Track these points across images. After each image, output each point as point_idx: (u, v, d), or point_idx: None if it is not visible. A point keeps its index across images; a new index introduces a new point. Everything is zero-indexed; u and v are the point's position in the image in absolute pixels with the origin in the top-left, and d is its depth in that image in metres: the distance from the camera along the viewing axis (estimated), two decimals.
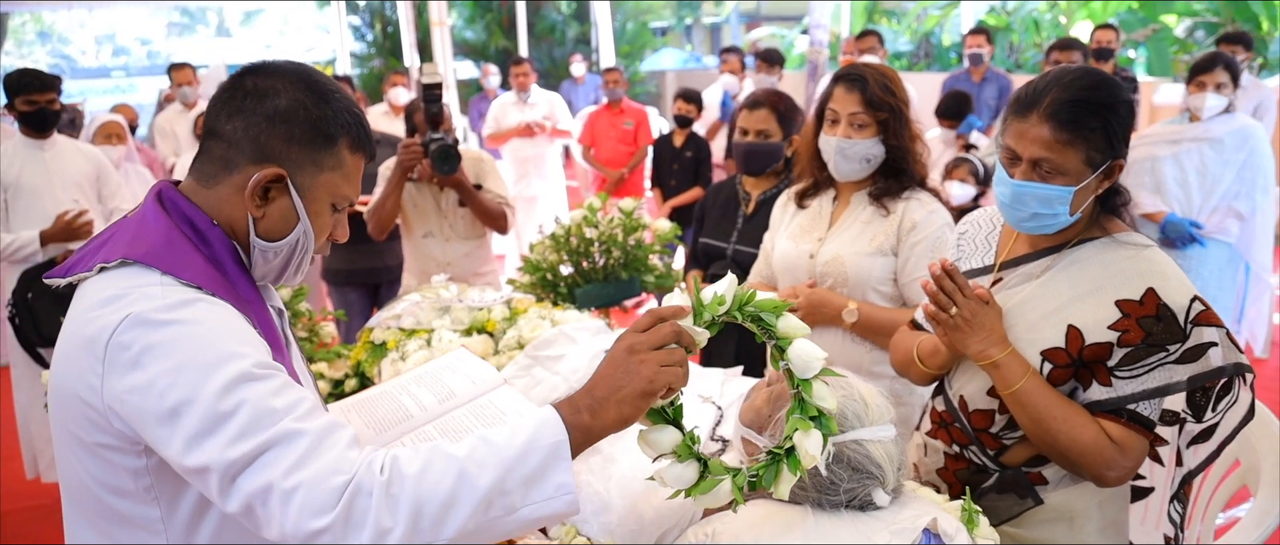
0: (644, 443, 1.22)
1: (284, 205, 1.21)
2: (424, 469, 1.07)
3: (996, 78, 6.26)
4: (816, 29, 8.67)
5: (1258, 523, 1.95)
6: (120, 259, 1.13)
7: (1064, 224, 1.56)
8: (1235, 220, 4.08)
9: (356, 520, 1.02)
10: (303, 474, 1.02)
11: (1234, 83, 3.96)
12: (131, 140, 4.94)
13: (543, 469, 1.10)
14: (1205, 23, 11.14)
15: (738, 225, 2.85)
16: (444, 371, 1.98)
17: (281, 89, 1.19)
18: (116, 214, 3.97)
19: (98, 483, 1.14)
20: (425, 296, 2.67)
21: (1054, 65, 4.81)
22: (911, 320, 1.91)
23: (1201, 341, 1.49)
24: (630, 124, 6.48)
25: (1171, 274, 1.54)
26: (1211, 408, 1.54)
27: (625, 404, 1.14)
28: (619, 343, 1.18)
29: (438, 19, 10.26)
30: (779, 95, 2.78)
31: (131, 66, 17.98)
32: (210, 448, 1.03)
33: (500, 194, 3.45)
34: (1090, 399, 1.55)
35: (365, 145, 1.26)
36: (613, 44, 11.92)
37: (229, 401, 1.04)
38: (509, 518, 1.09)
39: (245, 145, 1.18)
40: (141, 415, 1.06)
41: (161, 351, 1.05)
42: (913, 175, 2.27)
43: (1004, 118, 1.58)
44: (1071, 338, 1.55)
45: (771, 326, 1.26)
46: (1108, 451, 1.52)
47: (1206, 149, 4.00)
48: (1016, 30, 12.99)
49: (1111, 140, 1.50)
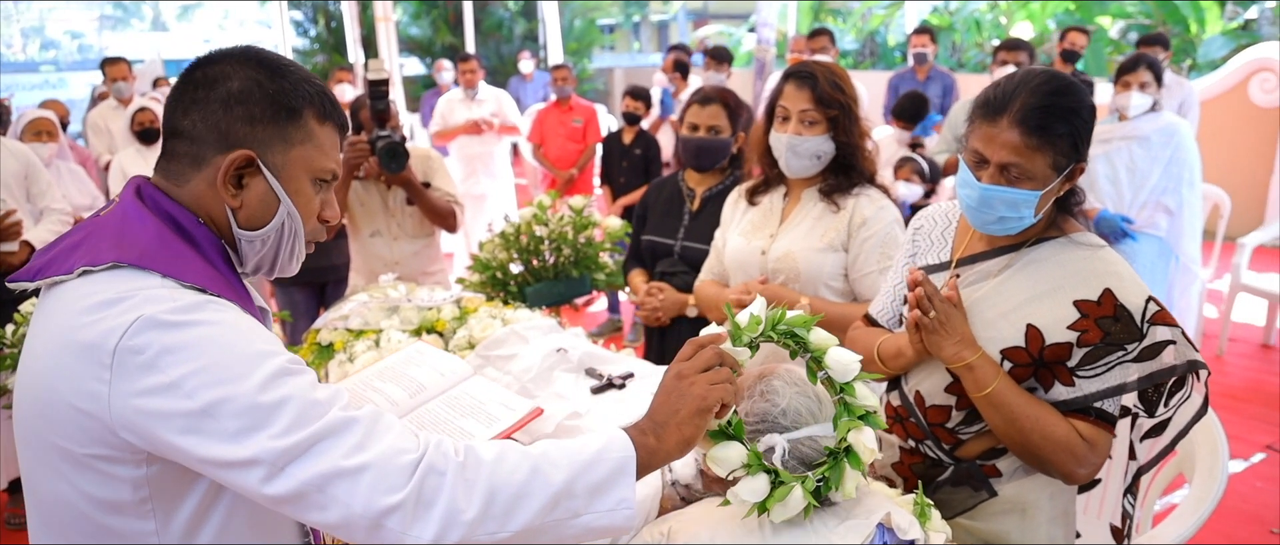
0: (713, 462, 1.27)
1: (261, 189, 1.16)
2: (500, 457, 1.09)
3: (941, 76, 6.37)
4: (763, 27, 8.75)
5: (1193, 509, 2.01)
6: (112, 262, 1.07)
7: (1028, 225, 1.58)
8: (1164, 214, 4.21)
9: (427, 498, 1.03)
10: (367, 455, 1.03)
11: (1157, 82, 4.10)
12: (63, 137, 4.78)
13: (609, 480, 1.12)
14: (1137, 25, 11.47)
15: (684, 222, 2.84)
16: (409, 366, 1.96)
17: (232, 72, 1.15)
18: (47, 214, 3.83)
19: (85, 498, 1.08)
20: (373, 296, 2.62)
21: (1002, 66, 4.92)
22: (865, 315, 1.92)
23: (1157, 340, 1.52)
24: (579, 121, 6.44)
25: (1127, 275, 1.56)
26: (1163, 403, 1.56)
27: (685, 425, 1.19)
28: (667, 374, 1.25)
29: (382, 15, 10.11)
30: (728, 92, 2.79)
31: (62, 61, 17.38)
32: (258, 440, 1.01)
33: (449, 192, 3.41)
34: (1056, 398, 1.58)
35: (333, 114, 1.22)
36: (561, 41, 11.86)
37: (271, 395, 1.02)
38: (570, 522, 1.10)
39: (208, 136, 1.14)
40: (162, 419, 1.01)
41: (184, 353, 1.01)
42: (862, 172, 2.29)
43: (969, 120, 1.59)
44: (1031, 337, 1.57)
45: (805, 340, 1.33)
46: (1079, 449, 1.54)
47: (1135, 147, 4.13)
48: (959, 30, 13.24)
49: (1077, 145, 1.52)
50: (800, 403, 1.34)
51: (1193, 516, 1.98)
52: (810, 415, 1.33)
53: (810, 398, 1.35)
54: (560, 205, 3.31)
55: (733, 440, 1.27)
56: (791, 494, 1.26)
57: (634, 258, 3.01)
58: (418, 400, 1.82)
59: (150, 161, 4.98)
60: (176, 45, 17.71)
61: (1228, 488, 2.04)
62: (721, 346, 1.27)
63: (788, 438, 1.31)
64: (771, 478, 1.26)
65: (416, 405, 1.81)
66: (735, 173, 2.81)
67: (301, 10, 15.29)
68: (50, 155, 4.28)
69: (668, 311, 2.72)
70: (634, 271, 2.97)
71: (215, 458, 1.02)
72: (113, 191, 4.99)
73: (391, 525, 1.02)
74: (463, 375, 1.91)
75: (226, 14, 18.80)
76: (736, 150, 2.79)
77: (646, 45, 24.97)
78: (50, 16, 17.54)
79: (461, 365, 1.95)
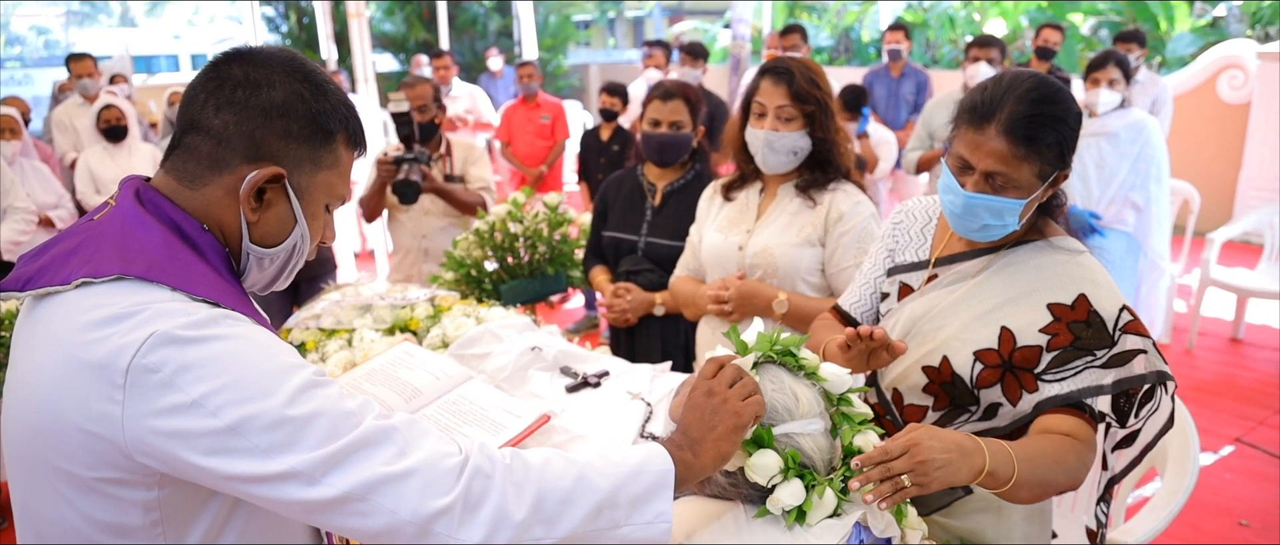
0: (752, 472, 1.28)
1: (281, 208, 1.12)
2: (546, 462, 1.09)
3: (914, 73, 6.40)
4: (739, 23, 8.75)
5: (1165, 503, 2.03)
6: (116, 274, 1.01)
7: (1010, 231, 1.57)
8: (1132, 210, 4.26)
9: (474, 501, 1.02)
10: (411, 460, 1.01)
11: (1126, 79, 4.15)
12: (26, 134, 4.69)
13: (649, 493, 1.12)
14: (1109, 22, 11.61)
15: (646, 217, 2.81)
16: (399, 368, 1.88)
17: (276, 79, 1.08)
18: (11, 213, 3.75)
19: (89, 522, 1.02)
20: (345, 294, 2.59)
21: (974, 62, 4.94)
22: (834, 307, 1.90)
23: (1127, 349, 1.51)
24: (547, 118, 6.39)
25: (1103, 282, 1.55)
26: (1134, 413, 1.55)
27: (722, 441, 1.20)
28: (695, 391, 1.26)
29: (355, 11, 10.01)
30: (688, 86, 2.78)
31: (27, 57, 17.06)
32: (293, 455, 0.98)
33: (484, 179, 3.78)
34: (1046, 395, 1.53)
35: (360, 141, 1.18)
36: (535, 37, 11.80)
37: (301, 409, 0.99)
38: (611, 532, 1.09)
39: (238, 142, 1.07)
40: (184, 439, 0.96)
41: (204, 370, 0.96)
42: (838, 167, 2.29)
43: (955, 124, 1.55)
44: (1004, 339, 1.56)
45: (798, 359, 1.38)
46: (1083, 451, 1.48)
47: (1103, 143, 4.17)
48: (933, 26, 13.33)
49: (1063, 153, 1.50)
50: (778, 399, 1.33)
51: (1165, 510, 1.99)
52: (787, 413, 1.33)
53: (788, 394, 1.34)
54: (534, 202, 3.29)
55: (767, 449, 1.28)
56: (826, 495, 1.28)
57: (594, 254, 2.98)
58: (413, 406, 1.73)
59: (118, 160, 4.94)
60: (145, 41, 17.45)
61: (1198, 480, 2.06)
62: (737, 364, 1.30)
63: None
64: (805, 481, 1.28)
65: (412, 411, 1.71)
66: (696, 167, 2.80)
67: (273, 6, 15.11)
68: (13, 153, 4.20)
69: (636, 311, 2.71)
70: (596, 268, 2.94)
71: (246, 474, 0.97)
72: (79, 190, 4.89)
73: (440, 528, 1.01)
74: (459, 378, 1.83)
75: (196, 10, 18.54)
76: (696, 144, 2.79)
77: (622, 41, 24.95)
78: (15, 12, 17.21)
79: (456, 367, 1.87)
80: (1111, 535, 1.97)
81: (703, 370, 1.29)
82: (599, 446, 1.62)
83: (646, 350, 2.72)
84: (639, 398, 1.97)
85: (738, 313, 2.31)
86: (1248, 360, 5.00)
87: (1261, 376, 4.73)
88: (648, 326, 2.74)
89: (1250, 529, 3.24)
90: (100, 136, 4.97)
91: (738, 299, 2.29)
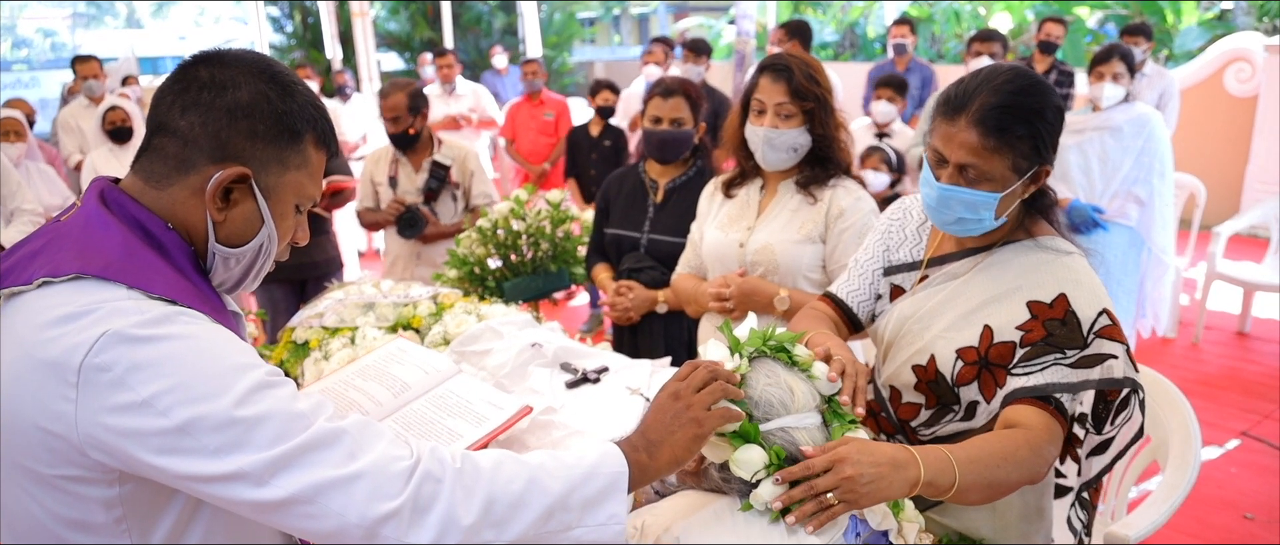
0: (736, 467, 1.27)
1: (248, 208, 1.13)
2: (497, 466, 1.09)
3: (920, 68, 6.39)
4: (743, 19, 8.72)
5: (1166, 496, 2.03)
6: (75, 273, 1.01)
7: (989, 228, 1.55)
8: (1135, 204, 4.25)
9: (423, 504, 1.02)
10: (359, 464, 1.02)
11: (1131, 73, 4.13)
12: (31, 137, 4.71)
13: (602, 495, 1.13)
14: (1115, 15, 11.55)
15: (649, 215, 2.82)
16: (390, 363, 1.91)
17: (241, 80, 1.09)
18: (18, 215, 3.78)
19: (56, 519, 1.03)
20: (348, 293, 2.60)
21: (976, 57, 4.93)
22: (825, 294, 1.89)
23: (1099, 352, 1.49)
24: (551, 115, 6.40)
25: (1087, 283, 1.53)
26: (1110, 420, 1.54)
27: (678, 447, 1.21)
28: (663, 391, 1.26)
29: (359, 10, 10.04)
30: (688, 83, 2.78)
31: (34, 60, 17.14)
32: (243, 455, 0.98)
33: (487, 193, 3.82)
34: (1011, 388, 1.52)
35: (330, 141, 1.19)
36: (540, 35, 11.80)
37: (250, 410, 0.99)
38: (563, 534, 1.10)
39: (204, 142, 1.08)
40: (135, 438, 0.97)
41: (154, 369, 0.97)
42: (838, 163, 2.29)
43: (932, 117, 1.55)
44: (984, 337, 1.56)
45: (792, 355, 1.38)
46: (1044, 448, 1.44)
47: (1107, 137, 4.16)
48: (938, 21, 13.28)
49: (1039, 147, 1.48)
50: (773, 393, 1.33)
51: (1165, 504, 1.99)
52: (783, 406, 1.32)
53: (783, 388, 1.34)
54: (537, 199, 3.29)
55: (753, 444, 1.27)
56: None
57: (597, 252, 2.99)
58: (402, 399, 1.78)
59: (123, 161, 4.96)
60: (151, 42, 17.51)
61: (1203, 474, 2.06)
62: (717, 363, 1.29)
63: (762, 429, 1.30)
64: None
65: (401, 405, 1.76)
66: (698, 163, 2.80)
67: (278, 6, 15.14)
68: (19, 155, 4.22)
69: (638, 309, 2.71)
70: (598, 266, 2.95)
71: (196, 474, 0.99)
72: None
73: (388, 531, 1.01)
74: (447, 373, 1.87)
75: (202, 11, 18.60)
76: (697, 141, 2.79)
77: (627, 38, 24.93)
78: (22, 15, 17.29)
79: (445, 362, 1.91)
80: (1113, 529, 1.97)
81: (680, 371, 1.29)
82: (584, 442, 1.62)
83: (649, 347, 2.72)
84: (638, 393, 1.98)
85: (739, 310, 2.32)
86: (1254, 354, 4.98)
87: (1267, 370, 4.71)
88: (650, 324, 2.75)
89: (1255, 523, 3.23)
90: (106, 138, 4.99)
91: (739, 296, 2.30)
